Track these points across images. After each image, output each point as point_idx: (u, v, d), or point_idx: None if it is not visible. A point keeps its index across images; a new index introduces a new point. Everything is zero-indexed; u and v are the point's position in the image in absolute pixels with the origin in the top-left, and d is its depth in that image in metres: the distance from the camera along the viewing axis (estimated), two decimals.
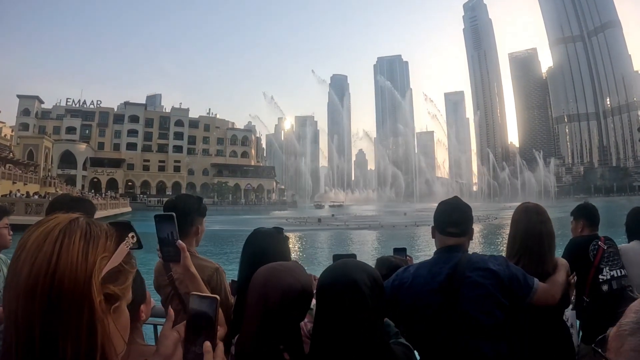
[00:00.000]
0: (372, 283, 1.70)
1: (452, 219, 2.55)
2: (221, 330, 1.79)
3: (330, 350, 1.65)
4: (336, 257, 2.67)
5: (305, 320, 1.90)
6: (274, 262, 1.92)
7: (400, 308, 2.42)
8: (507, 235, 2.97)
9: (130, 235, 1.03)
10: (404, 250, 3.63)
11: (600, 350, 0.82)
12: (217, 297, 1.25)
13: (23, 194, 43.58)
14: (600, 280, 3.49)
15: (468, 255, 2.44)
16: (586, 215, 4.00)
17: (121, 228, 1.05)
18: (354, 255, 2.58)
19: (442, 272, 2.38)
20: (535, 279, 2.44)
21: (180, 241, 2.15)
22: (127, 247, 1.02)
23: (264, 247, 2.37)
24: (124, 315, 1.03)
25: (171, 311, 1.43)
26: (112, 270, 0.97)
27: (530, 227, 2.82)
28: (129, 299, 1.05)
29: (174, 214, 2.15)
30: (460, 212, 2.58)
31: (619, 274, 3.50)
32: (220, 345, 1.27)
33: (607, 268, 3.53)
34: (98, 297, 0.91)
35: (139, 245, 1.06)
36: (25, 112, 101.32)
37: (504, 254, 2.80)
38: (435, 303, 2.32)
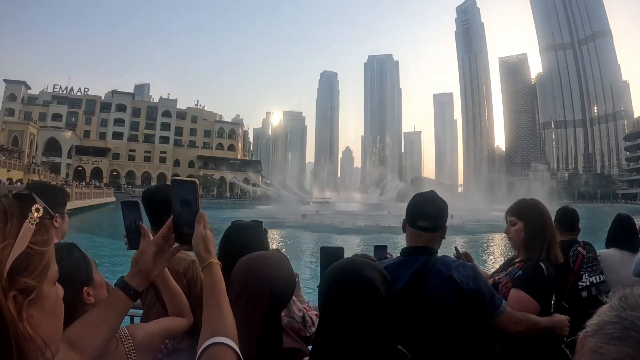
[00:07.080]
0: (383, 280, 1.57)
1: (425, 211, 2.36)
2: (186, 321, 1.89)
3: (340, 352, 1.47)
4: (323, 250, 2.64)
5: (282, 314, 1.82)
6: (254, 253, 1.82)
7: None
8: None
9: (33, 208, 0.83)
10: (384, 247, 3.50)
11: (568, 351, 0.77)
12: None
13: (6, 181, 43.65)
14: (580, 286, 3.51)
15: (434, 260, 2.27)
16: (561, 219, 3.87)
17: (22, 203, 0.83)
18: (342, 249, 2.62)
19: (402, 278, 2.23)
20: (504, 302, 2.30)
21: (142, 224, 1.90)
22: (32, 224, 0.82)
23: (243, 240, 2.31)
24: (49, 300, 0.86)
25: (145, 227, 1.48)
26: (20, 257, 0.78)
27: (547, 217, 2.77)
28: (52, 278, 0.88)
29: (138, 200, 2.04)
30: (434, 205, 2.38)
31: (598, 280, 3.53)
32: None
33: (587, 274, 3.56)
34: (7, 300, 0.75)
35: (49, 215, 0.86)
36: (11, 97, 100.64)
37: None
38: (394, 309, 2.17)
